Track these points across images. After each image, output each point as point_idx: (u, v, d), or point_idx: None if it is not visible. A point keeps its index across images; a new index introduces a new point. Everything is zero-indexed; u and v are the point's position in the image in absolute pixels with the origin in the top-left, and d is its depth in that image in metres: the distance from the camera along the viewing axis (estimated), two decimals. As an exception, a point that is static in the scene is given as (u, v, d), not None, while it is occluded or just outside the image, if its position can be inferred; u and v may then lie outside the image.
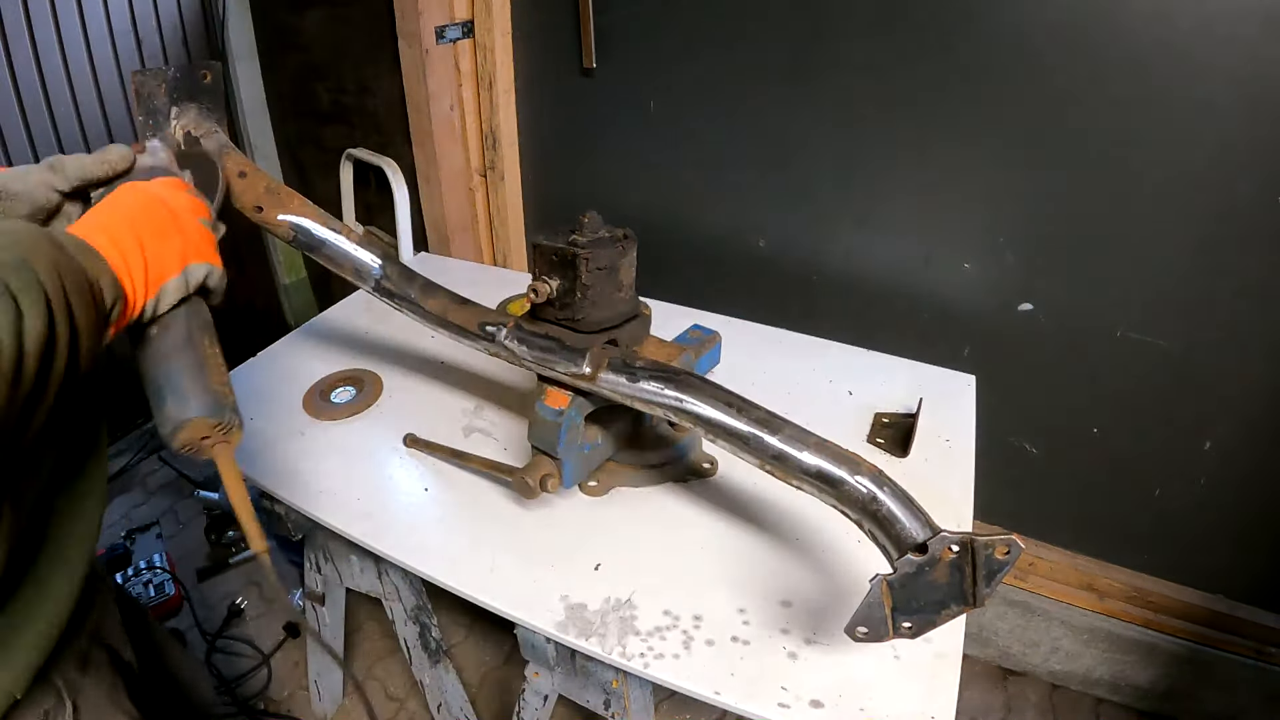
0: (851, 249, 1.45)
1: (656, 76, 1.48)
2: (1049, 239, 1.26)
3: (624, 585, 0.86)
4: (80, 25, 1.78)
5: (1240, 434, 1.27)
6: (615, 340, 0.91)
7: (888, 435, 1.09)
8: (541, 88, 1.64)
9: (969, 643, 1.60)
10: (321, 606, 1.35)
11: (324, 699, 1.54)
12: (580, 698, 0.98)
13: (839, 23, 1.26)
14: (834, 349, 1.31)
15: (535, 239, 0.89)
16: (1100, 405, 1.36)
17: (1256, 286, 1.16)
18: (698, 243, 1.60)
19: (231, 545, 1.93)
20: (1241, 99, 1.05)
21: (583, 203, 0.94)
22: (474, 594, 0.85)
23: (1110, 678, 1.58)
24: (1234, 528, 1.35)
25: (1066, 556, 1.53)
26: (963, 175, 1.28)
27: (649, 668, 0.76)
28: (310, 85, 1.93)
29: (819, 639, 0.79)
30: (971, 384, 1.21)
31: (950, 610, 0.63)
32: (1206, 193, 1.13)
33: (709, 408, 0.75)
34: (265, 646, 1.71)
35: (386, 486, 1.02)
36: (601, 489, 1.00)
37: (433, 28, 1.55)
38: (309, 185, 2.11)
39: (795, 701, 0.73)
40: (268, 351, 1.33)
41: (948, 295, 1.39)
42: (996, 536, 0.59)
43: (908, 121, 1.28)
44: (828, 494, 0.69)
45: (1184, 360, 1.25)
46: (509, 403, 1.19)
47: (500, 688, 1.64)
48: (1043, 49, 1.14)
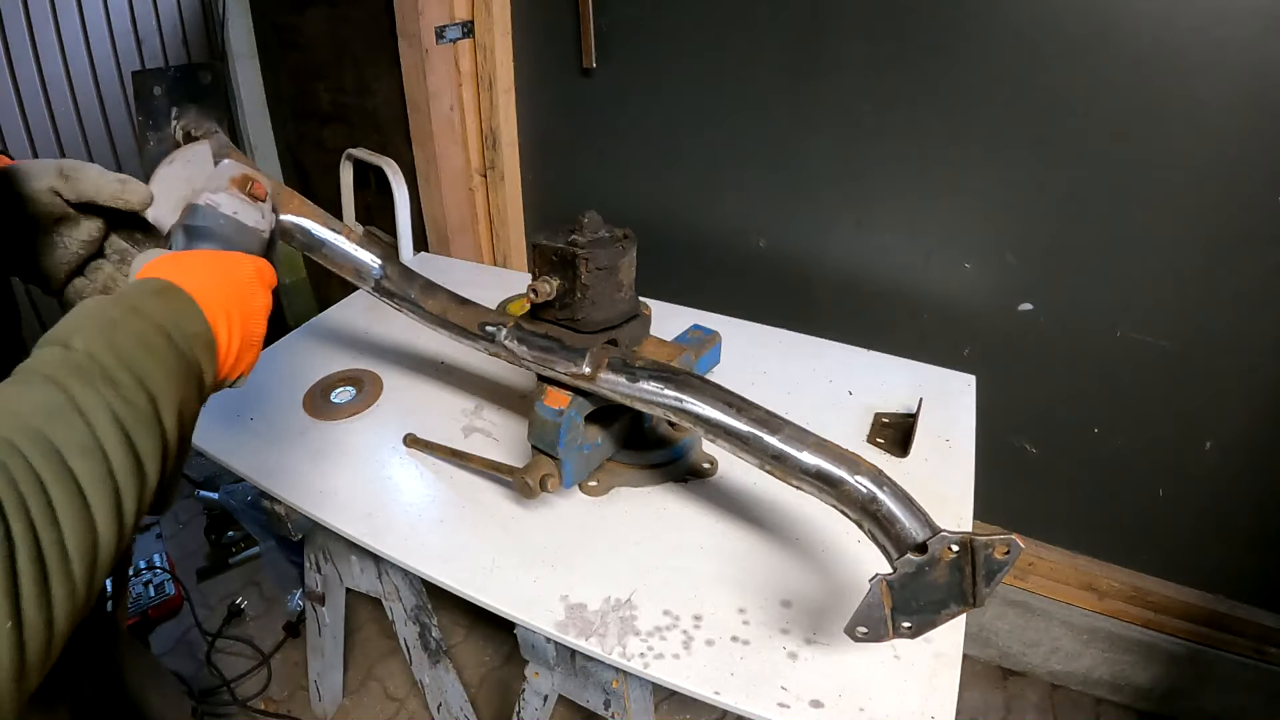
0: (851, 249, 1.45)
1: (656, 76, 1.48)
2: (1049, 239, 1.26)
3: (624, 585, 0.86)
4: (80, 25, 1.78)
5: (1240, 434, 1.27)
6: (615, 340, 0.91)
7: (888, 435, 1.09)
8: (541, 88, 1.64)
9: (969, 643, 1.60)
10: (321, 606, 1.36)
11: (324, 699, 1.54)
12: (580, 698, 0.98)
13: (839, 23, 1.26)
14: (834, 349, 1.31)
15: (535, 239, 0.89)
16: (1100, 405, 1.36)
17: (1256, 286, 1.16)
18: (698, 243, 1.60)
19: (231, 545, 1.93)
20: (1242, 99, 1.05)
21: (583, 203, 0.94)
22: (474, 594, 0.85)
23: (1110, 678, 1.58)
24: (1234, 528, 1.35)
25: (1066, 556, 1.53)
26: (963, 175, 1.28)
27: (649, 668, 0.76)
28: (310, 85, 1.93)
29: (819, 639, 0.79)
30: (971, 384, 1.21)
31: (950, 610, 0.63)
32: (1207, 192, 1.13)
33: (709, 408, 0.75)
34: (265, 646, 1.71)
35: (386, 486, 1.02)
36: (601, 489, 1.00)
37: (433, 28, 1.55)
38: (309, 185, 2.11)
39: (795, 701, 0.73)
40: (267, 351, 1.33)
41: (948, 295, 1.39)
42: (996, 536, 0.59)
43: (908, 121, 1.28)
44: (827, 494, 0.69)
45: (1184, 360, 1.25)
46: (509, 403, 1.19)
47: (500, 688, 1.64)
48: (1043, 49, 1.14)
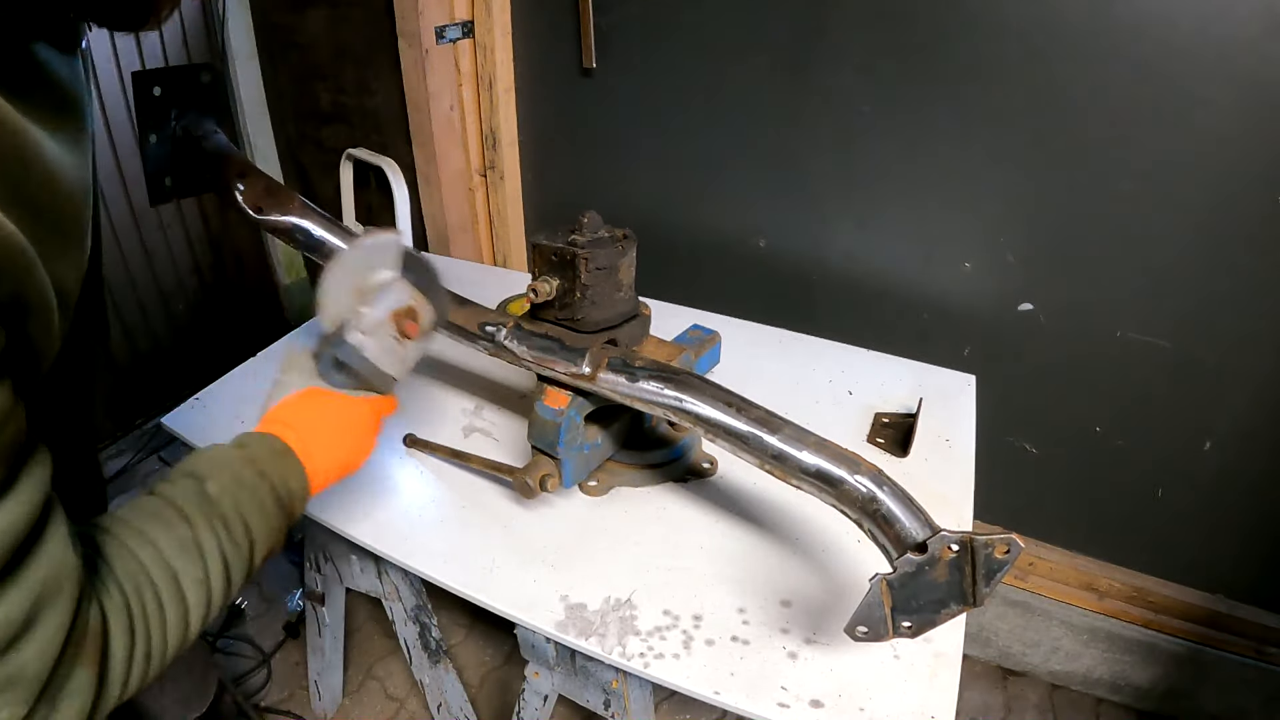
0: (851, 249, 1.45)
1: (656, 76, 1.48)
2: (1049, 239, 1.26)
3: (624, 585, 0.86)
4: (80, 25, 1.78)
5: (1240, 434, 1.27)
6: (615, 340, 0.91)
7: (888, 435, 1.09)
8: (541, 88, 1.64)
9: (969, 643, 1.60)
10: (321, 606, 1.36)
11: (324, 699, 1.54)
12: (580, 698, 0.98)
13: (840, 22, 1.26)
14: (834, 349, 1.31)
15: (535, 239, 0.89)
16: (1100, 405, 1.36)
17: (1256, 286, 1.16)
18: (698, 243, 1.60)
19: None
20: (1242, 99, 1.05)
21: (583, 203, 0.94)
22: (474, 594, 0.85)
23: (1110, 678, 1.57)
24: (1234, 528, 1.35)
25: (1066, 556, 1.53)
26: (963, 175, 1.28)
27: (649, 668, 0.76)
28: (310, 85, 1.93)
29: (819, 639, 0.79)
30: (971, 384, 1.21)
31: (950, 610, 0.63)
32: (1207, 192, 1.13)
33: (709, 407, 0.75)
34: (265, 646, 1.71)
35: (386, 486, 1.02)
36: (601, 489, 1.00)
37: (433, 28, 1.55)
38: (309, 185, 2.11)
39: (795, 701, 0.73)
40: (267, 351, 1.33)
41: (948, 295, 1.39)
42: (996, 536, 0.59)
43: (908, 121, 1.28)
44: (827, 493, 0.69)
45: (1184, 360, 1.25)
46: (509, 403, 1.19)
47: (500, 688, 1.64)
48: (1044, 49, 1.14)
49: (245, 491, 0.58)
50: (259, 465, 0.61)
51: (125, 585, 0.49)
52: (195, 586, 0.53)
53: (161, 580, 0.51)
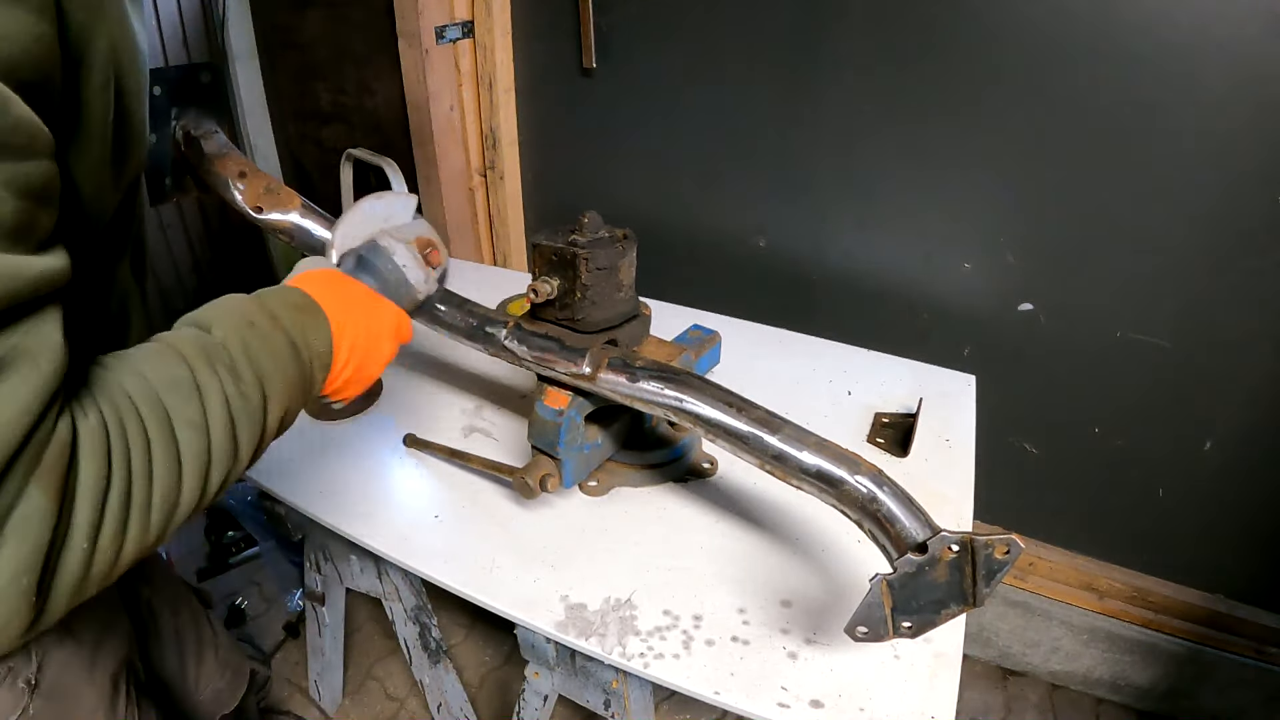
0: (851, 249, 1.45)
1: (656, 76, 1.48)
2: (1049, 239, 1.26)
3: (624, 585, 0.86)
4: (80, 25, 1.78)
5: (1240, 434, 1.27)
6: (615, 340, 0.91)
7: (888, 435, 1.09)
8: (541, 88, 1.64)
9: (969, 643, 1.60)
10: (321, 606, 1.36)
11: (324, 699, 1.54)
12: (580, 698, 0.98)
13: (840, 22, 1.26)
14: (834, 349, 1.31)
15: (535, 239, 0.89)
16: (1100, 405, 1.36)
17: (1256, 286, 1.16)
18: (698, 243, 1.60)
19: (231, 545, 1.93)
20: (1242, 99, 1.05)
21: (583, 203, 0.94)
22: (474, 594, 0.85)
23: (1110, 678, 1.57)
24: (1234, 528, 1.35)
25: (1066, 556, 1.53)
26: (963, 175, 1.28)
27: (649, 668, 0.76)
28: (310, 85, 1.93)
29: (819, 639, 0.79)
30: (971, 384, 1.21)
31: (950, 610, 0.63)
32: (1207, 192, 1.13)
33: (709, 408, 0.75)
34: (265, 646, 1.71)
35: (386, 486, 1.02)
36: (601, 489, 1.00)
37: (433, 28, 1.55)
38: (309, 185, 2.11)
39: (795, 701, 0.73)
40: (268, 351, 1.33)
41: (948, 295, 1.39)
42: (996, 536, 0.59)
43: (908, 121, 1.28)
44: (827, 494, 0.69)
45: (1184, 360, 1.25)
46: (509, 403, 1.19)
47: (500, 688, 1.64)
48: (1044, 49, 1.14)
49: (256, 335, 0.52)
50: (271, 310, 0.55)
51: (104, 409, 0.41)
52: (190, 430, 0.45)
53: (150, 415, 0.43)
